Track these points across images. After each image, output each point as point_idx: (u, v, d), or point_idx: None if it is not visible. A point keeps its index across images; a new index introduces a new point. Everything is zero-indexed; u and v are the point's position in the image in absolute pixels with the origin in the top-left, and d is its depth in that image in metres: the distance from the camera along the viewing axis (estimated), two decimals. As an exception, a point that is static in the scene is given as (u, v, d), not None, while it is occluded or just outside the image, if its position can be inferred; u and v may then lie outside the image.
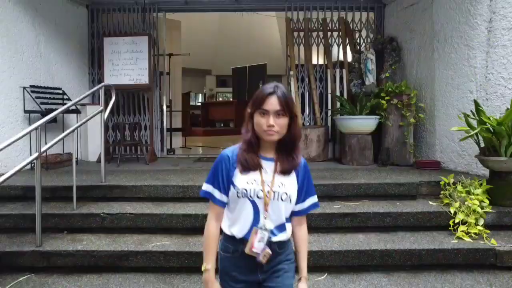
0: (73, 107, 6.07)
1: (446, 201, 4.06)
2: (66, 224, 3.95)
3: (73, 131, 4.26)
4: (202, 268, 1.92)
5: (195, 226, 3.91)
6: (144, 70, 6.57)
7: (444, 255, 3.47)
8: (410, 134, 5.85)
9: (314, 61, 7.59)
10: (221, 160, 1.95)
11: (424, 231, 3.87)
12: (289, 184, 1.95)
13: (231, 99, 20.08)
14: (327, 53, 7.35)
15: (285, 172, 1.95)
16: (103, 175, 4.52)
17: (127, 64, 6.58)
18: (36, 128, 3.58)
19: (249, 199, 1.91)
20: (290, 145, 1.95)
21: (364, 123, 5.94)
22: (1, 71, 5.29)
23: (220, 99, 21.75)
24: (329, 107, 7.15)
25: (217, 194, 1.96)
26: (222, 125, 17.99)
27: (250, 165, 1.92)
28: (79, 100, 4.45)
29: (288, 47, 7.31)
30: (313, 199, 2.09)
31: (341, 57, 7.34)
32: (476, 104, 4.23)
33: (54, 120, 5.70)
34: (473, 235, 3.63)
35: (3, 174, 3.24)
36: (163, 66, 7.72)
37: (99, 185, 4.43)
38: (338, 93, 7.07)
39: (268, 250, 1.86)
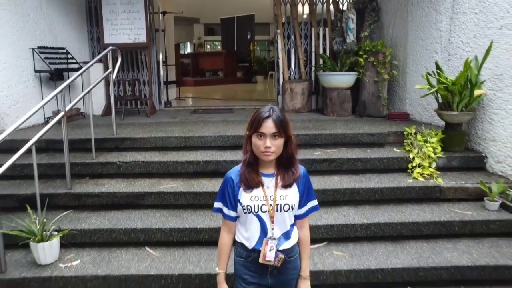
0: (78, 66, 6.65)
1: (407, 148, 4.85)
2: (87, 171, 4.67)
3: (89, 91, 4.87)
4: (216, 271, 2.30)
5: (197, 171, 4.68)
6: (142, 30, 7.04)
7: (401, 191, 4.29)
8: (384, 89, 6.57)
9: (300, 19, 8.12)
10: (226, 182, 2.18)
11: (388, 173, 4.67)
12: (291, 195, 2.14)
13: (219, 47, 20.42)
14: (312, 11, 7.87)
15: (286, 186, 2.14)
16: (115, 128, 5.19)
17: (124, 24, 7.02)
18: (60, 91, 4.19)
19: (254, 214, 2.13)
20: (288, 161, 2.15)
21: (344, 79, 6.63)
22: (11, 34, 5.76)
23: (208, 47, 22.01)
24: (313, 63, 7.77)
25: (226, 210, 2.20)
26: (211, 74, 18.51)
27: (252, 184, 2.10)
28: (91, 64, 4.98)
29: (275, 6, 7.80)
30: (313, 202, 2.29)
31: (325, 16, 7.89)
32: (437, 66, 4.94)
33: (61, 78, 6.30)
34: (426, 175, 4.45)
35: (18, 130, 3.88)
36: (158, 23, 8.18)
37: (111, 138, 5.12)
38: (321, 50, 7.67)
39: (281, 255, 2.10)
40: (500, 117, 4.49)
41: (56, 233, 3.54)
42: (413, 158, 4.62)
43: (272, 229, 2.12)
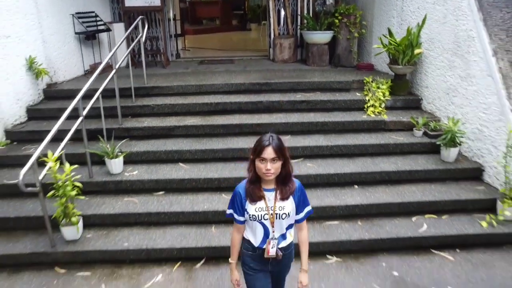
0: (105, 27, 8.02)
1: (365, 93, 6.47)
2: (129, 112, 6.27)
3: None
4: (229, 261, 2.81)
5: (210, 110, 6.32)
6: (156, -6, 8.35)
7: (357, 124, 5.98)
8: (355, 45, 8.08)
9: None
10: (236, 195, 2.63)
11: (349, 111, 6.33)
12: (288, 206, 2.57)
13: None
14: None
15: (284, 199, 2.55)
16: (145, 79, 6.74)
17: (142, -11, 8.32)
18: (113, 53, 5.69)
19: (258, 222, 2.57)
20: (286, 178, 2.55)
21: (322, 36, 8.11)
22: (57, 4, 7.06)
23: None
24: (299, 22, 9.15)
25: (236, 216, 2.66)
26: (208, 21, 19.52)
27: (255, 198, 2.54)
28: (129, 32, 6.44)
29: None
30: (308, 208, 2.71)
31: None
32: (389, 31, 6.48)
33: (94, 38, 7.72)
34: (376, 113, 6.11)
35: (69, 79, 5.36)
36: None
37: (144, 86, 6.69)
38: (306, 11, 9.02)
39: (280, 253, 2.62)
40: (431, 69, 6.10)
41: (120, 153, 5.22)
42: (368, 100, 6.26)
43: (273, 232, 2.60)
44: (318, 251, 4.31)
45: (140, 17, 6.47)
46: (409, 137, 5.77)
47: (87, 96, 6.36)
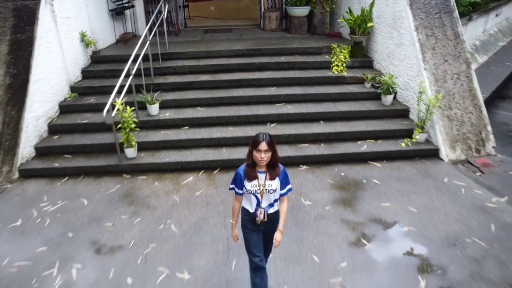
0: (130, 4, 9.94)
1: (332, 56, 8.61)
2: (156, 72, 8.35)
3: (152, 19, 8.33)
4: (231, 221, 3.70)
5: (217, 70, 8.44)
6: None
7: (324, 78, 8.18)
8: (327, 17, 10.14)
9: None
10: (237, 175, 3.42)
11: (320, 69, 8.50)
12: (274, 184, 3.38)
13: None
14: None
15: (271, 179, 3.35)
16: (167, 46, 8.80)
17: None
18: (148, 25, 7.71)
19: (252, 194, 3.39)
20: (274, 164, 3.35)
21: (302, 10, 10.15)
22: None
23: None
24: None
25: (236, 189, 3.48)
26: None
27: (251, 177, 3.34)
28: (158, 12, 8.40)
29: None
30: (289, 186, 3.51)
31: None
32: (349, 9, 8.56)
33: (122, 13, 9.67)
34: (339, 71, 8.28)
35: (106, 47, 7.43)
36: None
37: (166, 52, 8.76)
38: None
39: (265, 219, 3.44)
40: (379, 39, 8.25)
41: (156, 101, 7.38)
42: (334, 61, 8.41)
43: (262, 202, 3.44)
44: (294, 162, 6.61)
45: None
46: (361, 88, 8.00)
47: (123, 60, 8.43)
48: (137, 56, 7.31)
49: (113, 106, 6.29)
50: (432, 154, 6.85)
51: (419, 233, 5.01)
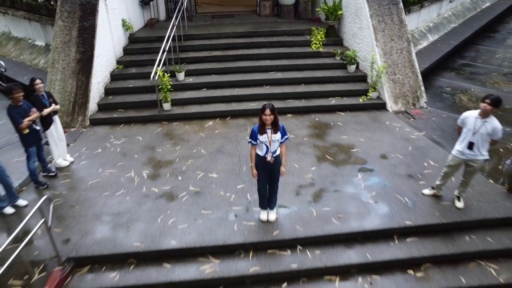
0: (154, -6, 12.06)
1: (312, 36, 10.85)
2: (180, 49, 10.55)
3: (177, 13, 10.53)
4: (251, 165, 5.33)
5: (226, 47, 10.66)
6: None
7: (305, 54, 10.44)
8: (309, 5, 12.29)
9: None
10: (253, 132, 5.01)
11: (302, 47, 10.73)
12: (277, 136, 4.98)
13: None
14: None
15: (275, 132, 4.97)
16: (187, 28, 10.99)
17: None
18: (175, 17, 9.92)
19: (263, 143, 4.99)
20: (276, 123, 4.94)
21: (289, 0, 12.31)
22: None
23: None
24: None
25: (253, 142, 5.08)
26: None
27: (262, 132, 4.96)
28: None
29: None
30: (286, 136, 5.09)
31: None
32: (325, 0, 10.77)
33: (148, 3, 11.82)
34: (316, 47, 10.54)
35: (137, 30, 9.71)
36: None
37: (186, 34, 10.93)
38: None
39: (273, 159, 5.07)
40: (346, 23, 10.51)
41: (182, 70, 9.66)
42: (313, 40, 10.67)
43: (270, 148, 5.05)
44: (283, 112, 8.91)
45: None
46: (332, 60, 10.30)
47: (151, 40, 10.58)
48: (162, 37, 9.55)
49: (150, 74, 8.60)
50: (381, 107, 9.23)
51: (363, 152, 7.45)
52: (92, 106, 8.94)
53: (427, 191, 6.14)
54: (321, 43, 10.62)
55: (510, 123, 8.73)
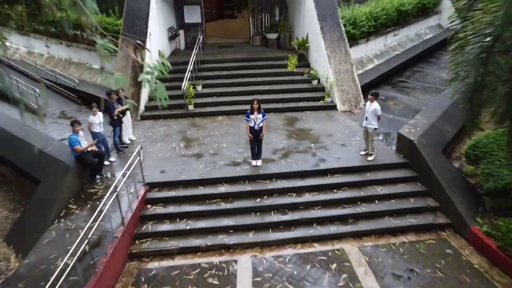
0: (176, 32, 16.11)
1: (288, 60, 14.79)
2: (198, 68, 14.47)
3: (196, 48, 14.51)
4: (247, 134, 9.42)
5: (231, 68, 14.59)
6: (198, 15, 16.27)
7: (283, 72, 14.35)
8: (287, 39, 16.24)
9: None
10: (247, 113, 9.11)
11: (281, 68, 14.59)
12: (260, 116, 9.06)
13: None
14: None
15: (259, 114, 9.03)
16: (201, 56, 14.94)
17: (189, 12, 16.23)
18: (195, 51, 13.88)
19: (253, 120, 9.06)
20: (259, 108, 9.07)
21: (273, 35, 16.31)
22: (162, 24, 15.05)
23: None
24: (264, 28, 17.26)
25: (247, 119, 9.15)
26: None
27: (252, 113, 9.06)
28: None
29: None
30: (265, 117, 9.16)
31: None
32: (296, 37, 14.84)
33: (174, 38, 15.83)
34: (291, 68, 14.46)
35: (167, 56, 13.67)
36: None
37: (201, 60, 14.84)
38: (268, 22, 17.14)
39: (258, 128, 9.16)
40: (311, 52, 14.50)
41: (201, 83, 13.55)
42: (289, 63, 14.61)
43: (256, 122, 9.10)
44: (267, 110, 12.68)
45: (201, 35, 14.59)
46: (301, 77, 14.21)
47: (178, 63, 14.51)
48: (186, 62, 13.44)
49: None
50: (333, 107, 13.12)
51: (317, 133, 11.31)
52: (141, 107, 12.78)
53: (362, 153, 9.96)
54: (294, 65, 14.56)
55: (401, 114, 12.65)
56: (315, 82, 13.85)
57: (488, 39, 6.58)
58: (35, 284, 6.43)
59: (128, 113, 10.80)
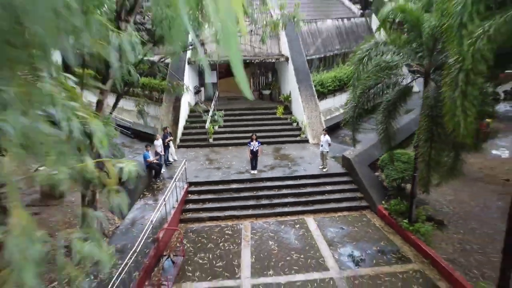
0: (199, 89, 22.47)
1: (277, 109, 20.90)
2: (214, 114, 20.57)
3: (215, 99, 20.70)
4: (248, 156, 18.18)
5: (236, 114, 20.73)
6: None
7: (274, 118, 20.46)
8: (277, 94, 22.45)
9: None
10: (249, 143, 15.18)
11: (272, 114, 20.70)
12: (256, 144, 15.03)
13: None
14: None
15: (256, 142, 15.18)
16: (217, 105, 21.09)
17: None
18: (214, 102, 20.05)
19: (251, 146, 15.02)
20: (256, 139, 15.10)
21: (267, 91, 22.54)
22: (194, 81, 21.32)
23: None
24: (260, 85, 23.61)
25: (249, 145, 17.48)
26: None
27: (251, 142, 15.06)
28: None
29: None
30: (259, 144, 15.16)
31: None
32: (283, 94, 21.14)
33: (197, 92, 22.19)
34: (279, 114, 20.55)
35: (193, 105, 19.76)
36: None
37: (217, 108, 21.02)
38: (263, 82, 23.49)
39: (255, 150, 16.00)
40: (293, 103, 20.64)
41: (217, 124, 19.62)
42: (277, 111, 20.69)
43: (254, 147, 15.07)
44: (262, 143, 18.71)
45: (216, 91, 20.82)
46: (286, 121, 20.22)
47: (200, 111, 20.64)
48: (206, 110, 19.49)
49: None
50: (307, 141, 19.03)
51: (293, 156, 17.19)
52: (178, 140, 18.73)
53: (320, 167, 15.75)
54: (281, 112, 20.60)
55: (345, 143, 18.50)
56: (295, 124, 19.90)
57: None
58: (136, 227, 12.04)
59: (171, 142, 16.74)
